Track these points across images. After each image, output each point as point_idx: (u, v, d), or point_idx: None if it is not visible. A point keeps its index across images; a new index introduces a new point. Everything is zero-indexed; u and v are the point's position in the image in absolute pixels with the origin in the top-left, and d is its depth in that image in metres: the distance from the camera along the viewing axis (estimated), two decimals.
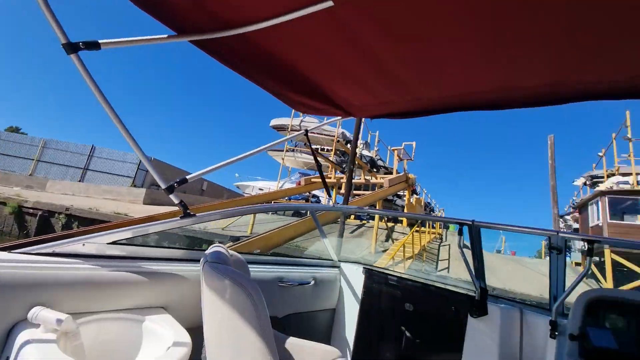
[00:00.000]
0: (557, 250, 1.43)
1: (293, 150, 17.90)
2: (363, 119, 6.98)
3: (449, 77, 1.26)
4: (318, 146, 17.93)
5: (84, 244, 1.07)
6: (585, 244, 1.33)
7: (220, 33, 1.07)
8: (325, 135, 16.97)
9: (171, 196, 1.14)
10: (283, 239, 6.96)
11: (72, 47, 0.89)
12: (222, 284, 0.89)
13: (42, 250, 1.00)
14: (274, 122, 18.93)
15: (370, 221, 12.82)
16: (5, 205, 9.93)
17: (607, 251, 8.73)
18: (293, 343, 1.35)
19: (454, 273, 8.35)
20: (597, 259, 9.61)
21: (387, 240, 10.39)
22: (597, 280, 9.05)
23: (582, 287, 1.35)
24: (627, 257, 8.81)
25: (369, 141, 18.46)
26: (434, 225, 13.48)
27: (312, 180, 13.50)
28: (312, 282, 1.76)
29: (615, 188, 10.78)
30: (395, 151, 13.36)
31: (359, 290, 1.91)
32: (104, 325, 0.97)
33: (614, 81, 1.10)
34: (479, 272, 1.66)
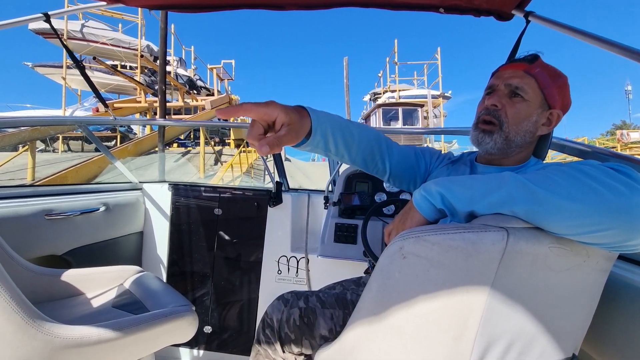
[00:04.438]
0: None
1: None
2: (166, 14, 5.85)
3: None
4: (117, 62, 14.19)
5: None
6: None
7: None
8: (124, 48, 13.45)
9: None
10: (85, 177, 5.69)
11: None
12: None
13: None
14: (36, 25, 13.20)
15: (197, 147, 12.07)
16: None
17: None
18: (79, 273, 1.20)
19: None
20: None
21: (216, 164, 10.25)
22: None
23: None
24: None
25: (183, 58, 16.18)
26: None
27: (116, 105, 11.05)
28: (103, 209, 1.53)
29: (386, 102, 14.29)
30: (214, 70, 12.38)
31: (167, 207, 1.84)
32: None
33: None
34: (279, 169, 1.88)
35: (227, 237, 1.78)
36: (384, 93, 17.37)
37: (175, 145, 13.17)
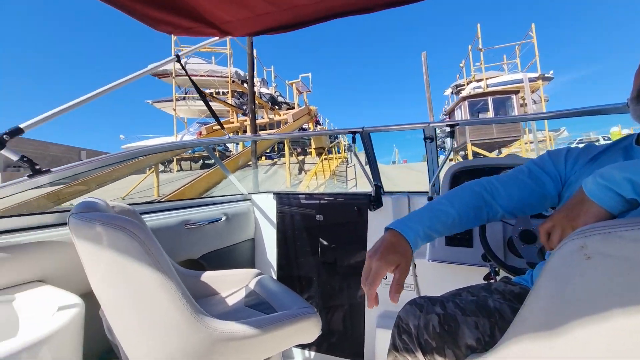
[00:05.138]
0: (430, 139, 1.67)
1: (184, 99, 15.96)
2: (251, 42, 6.46)
3: None
4: (212, 90, 16.34)
5: None
6: (448, 127, 1.60)
7: None
8: (217, 76, 15.43)
9: (4, 152, 0.90)
10: (197, 192, 6.59)
11: None
12: (93, 232, 0.76)
13: None
14: (151, 66, 16.06)
15: (282, 159, 12.97)
16: None
17: (468, 145, 10.97)
18: (213, 275, 1.36)
19: (361, 188, 9.37)
20: (463, 152, 11.97)
21: (300, 173, 10.79)
22: None
23: None
24: (483, 148, 11.30)
25: (265, 78, 17.65)
26: (339, 150, 14.44)
27: (214, 128, 12.60)
28: (224, 218, 1.73)
29: (472, 93, 13.03)
30: (294, 85, 13.17)
31: (273, 215, 1.98)
32: None
33: None
34: (374, 172, 1.86)
35: (329, 242, 1.82)
36: (467, 84, 15.93)
37: (263, 158, 14.37)
